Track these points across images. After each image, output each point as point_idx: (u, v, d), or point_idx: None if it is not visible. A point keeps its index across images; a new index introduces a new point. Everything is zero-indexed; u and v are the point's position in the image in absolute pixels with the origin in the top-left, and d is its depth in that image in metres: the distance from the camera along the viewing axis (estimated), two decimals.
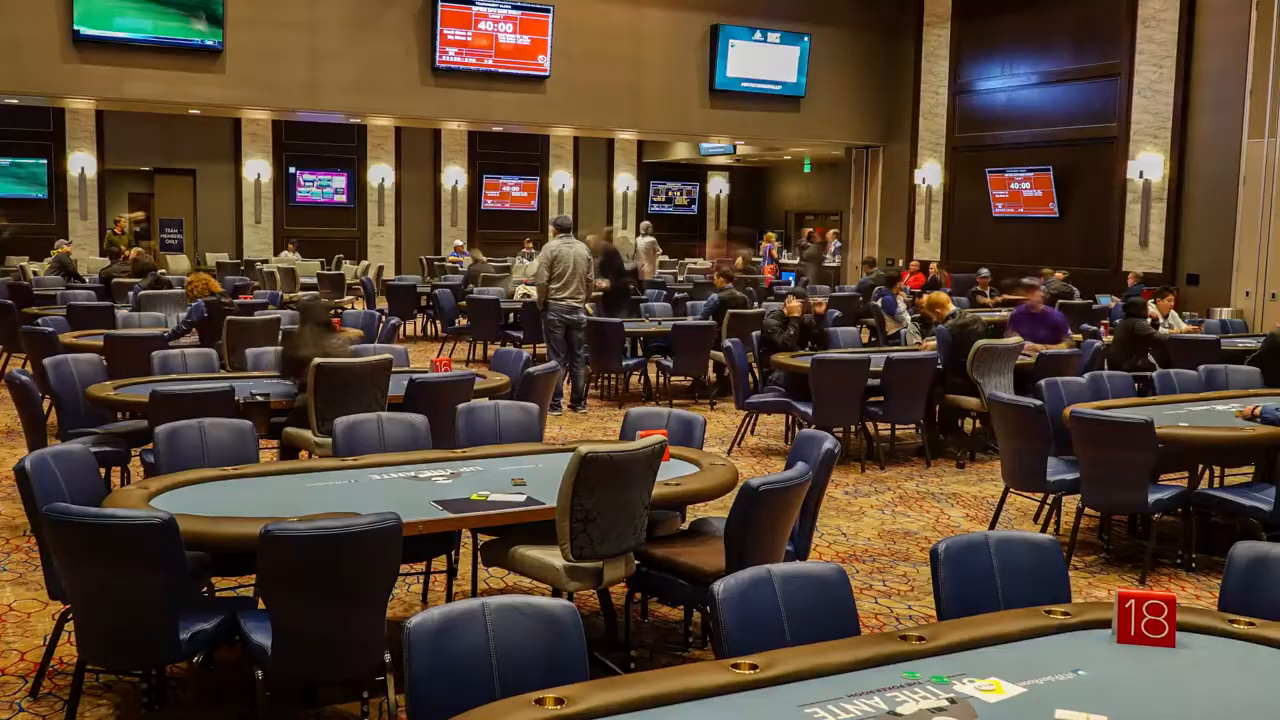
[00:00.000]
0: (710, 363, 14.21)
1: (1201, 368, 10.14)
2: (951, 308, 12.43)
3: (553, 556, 5.30)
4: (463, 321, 17.86)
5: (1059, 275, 18.62)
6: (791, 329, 11.87)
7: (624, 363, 13.78)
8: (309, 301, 9.09)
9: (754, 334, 12.28)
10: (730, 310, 14.15)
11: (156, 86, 19.06)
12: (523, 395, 8.48)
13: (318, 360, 7.85)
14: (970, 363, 10.84)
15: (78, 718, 5.00)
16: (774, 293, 19.39)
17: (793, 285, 18.70)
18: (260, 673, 4.64)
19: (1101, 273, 19.92)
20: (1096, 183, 20.44)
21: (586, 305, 13.45)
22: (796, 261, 26.79)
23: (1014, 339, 11.45)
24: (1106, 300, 17.98)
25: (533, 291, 14.95)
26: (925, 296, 13.33)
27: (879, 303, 15.96)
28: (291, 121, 27.35)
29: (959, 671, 3.44)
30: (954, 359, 11.18)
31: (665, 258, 28.54)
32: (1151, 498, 7.48)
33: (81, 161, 26.79)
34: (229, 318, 10.93)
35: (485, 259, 23.19)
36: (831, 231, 27.06)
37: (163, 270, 18.39)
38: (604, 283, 15.18)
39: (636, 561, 5.57)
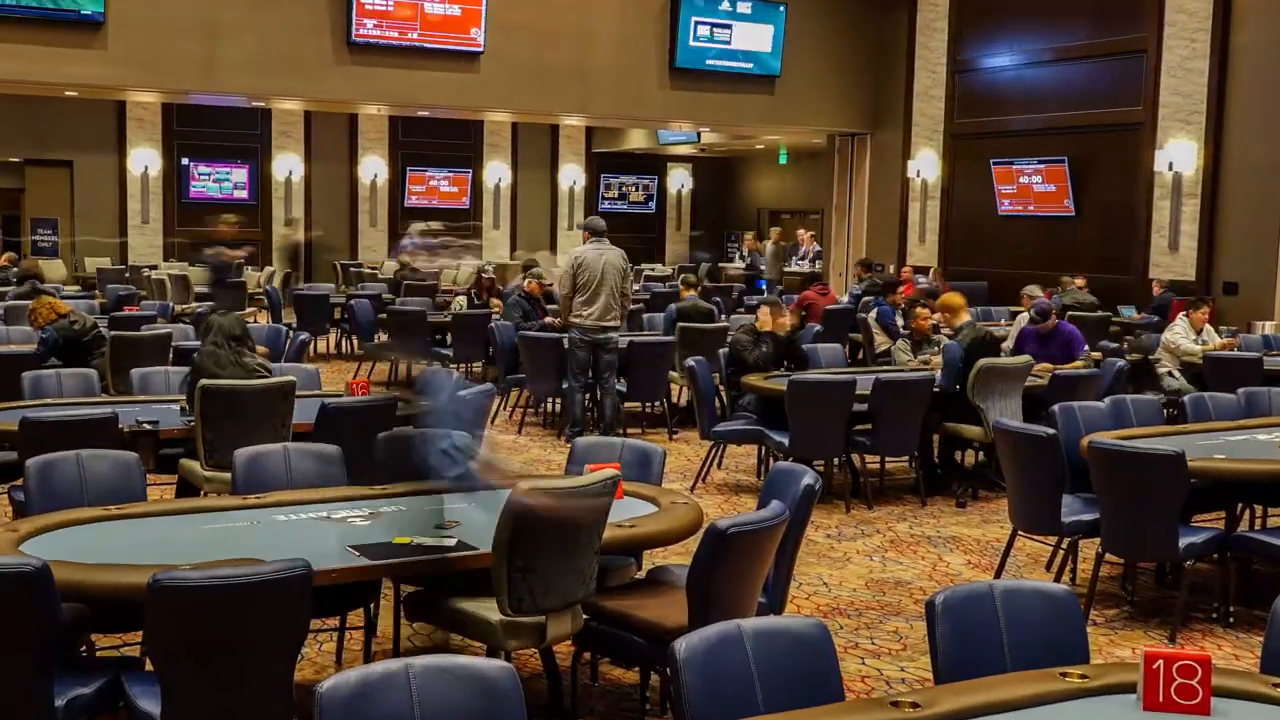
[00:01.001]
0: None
1: (1241, 391, 10.18)
2: (966, 316, 11.97)
3: (488, 610, 5.30)
4: (383, 336, 17.81)
5: (1076, 283, 18.67)
6: (764, 345, 11.80)
7: (565, 384, 13.74)
8: (219, 315, 9.01)
9: (721, 352, 12.26)
10: (683, 324, 14.11)
11: (27, 64, 18.87)
12: None
13: (204, 383, 7.82)
14: (971, 385, 10.82)
15: None
16: (744, 304, 19.41)
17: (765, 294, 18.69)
18: None
19: (1124, 280, 19.94)
20: (1118, 176, 20.53)
21: (619, 322, 13.12)
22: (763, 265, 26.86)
23: (1023, 357, 11.44)
24: (1129, 312, 18.09)
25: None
26: (940, 298, 12.64)
27: (871, 314, 15.92)
28: (184, 105, 27.16)
29: None
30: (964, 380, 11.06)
31: None
32: (1183, 542, 7.50)
33: None
34: (114, 333, 10.85)
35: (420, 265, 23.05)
36: (809, 234, 26.96)
37: (36, 280, 18.25)
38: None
39: (585, 616, 5.58)
